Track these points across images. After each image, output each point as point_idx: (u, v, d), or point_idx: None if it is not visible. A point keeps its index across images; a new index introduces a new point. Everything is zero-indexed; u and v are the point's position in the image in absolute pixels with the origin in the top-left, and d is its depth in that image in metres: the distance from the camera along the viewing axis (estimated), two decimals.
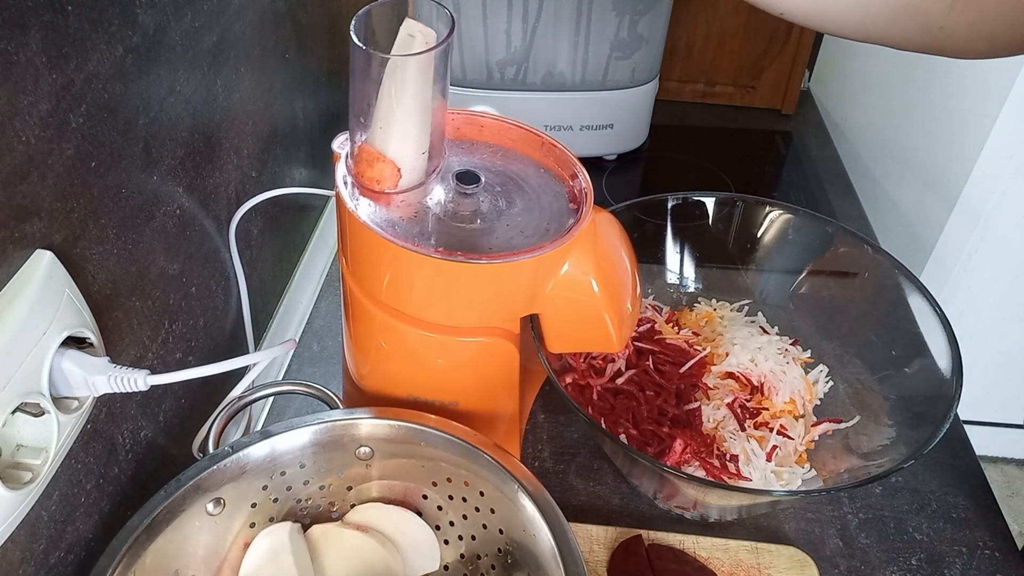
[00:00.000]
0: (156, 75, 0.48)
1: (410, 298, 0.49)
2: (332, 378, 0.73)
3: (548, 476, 0.64)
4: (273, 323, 0.75)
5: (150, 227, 0.50)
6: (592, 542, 0.58)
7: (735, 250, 0.70)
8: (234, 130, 0.62)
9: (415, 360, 0.53)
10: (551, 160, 0.54)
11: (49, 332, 0.38)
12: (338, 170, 0.50)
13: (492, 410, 0.56)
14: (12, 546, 0.39)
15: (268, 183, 0.71)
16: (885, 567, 0.59)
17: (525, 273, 0.47)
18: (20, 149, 0.36)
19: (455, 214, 0.50)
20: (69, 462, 0.43)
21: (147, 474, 0.52)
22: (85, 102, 0.41)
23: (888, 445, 0.55)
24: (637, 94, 0.96)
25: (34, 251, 0.38)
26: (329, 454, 0.49)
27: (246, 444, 0.47)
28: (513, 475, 0.45)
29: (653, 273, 0.71)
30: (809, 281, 0.68)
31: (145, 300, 0.50)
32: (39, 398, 0.38)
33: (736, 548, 0.58)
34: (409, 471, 0.50)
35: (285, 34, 0.72)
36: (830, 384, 0.65)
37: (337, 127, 0.90)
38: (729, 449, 0.59)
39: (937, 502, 0.63)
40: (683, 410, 0.61)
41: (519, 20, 0.85)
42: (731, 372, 0.64)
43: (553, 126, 0.95)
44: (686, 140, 1.11)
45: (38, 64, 0.37)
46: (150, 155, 0.49)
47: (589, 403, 0.62)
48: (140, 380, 0.42)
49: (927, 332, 0.58)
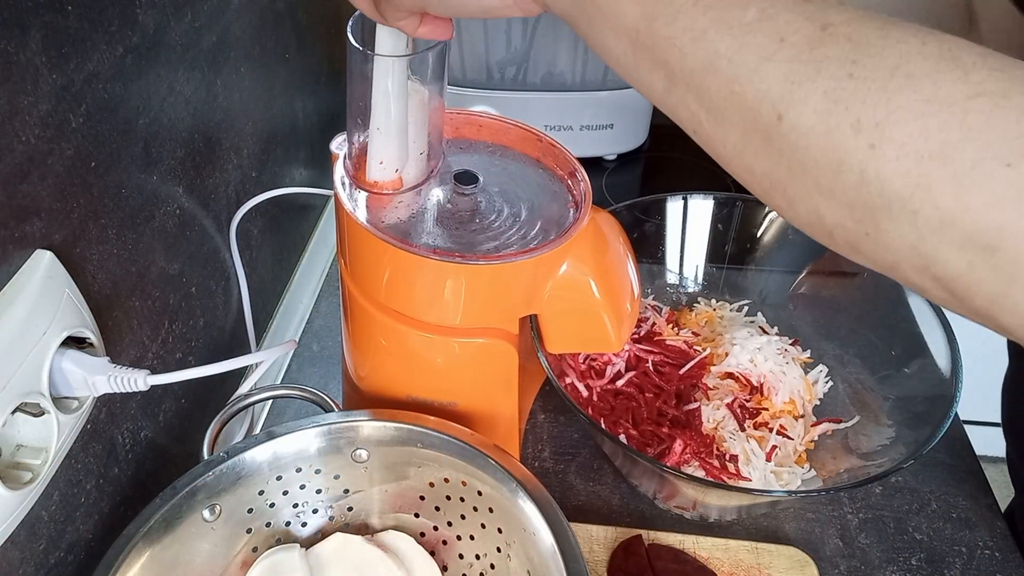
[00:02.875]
0: (156, 75, 0.49)
1: (409, 299, 0.49)
2: (332, 378, 0.73)
3: (548, 476, 0.64)
4: (273, 323, 0.75)
5: (150, 227, 0.50)
6: (592, 542, 0.58)
7: (735, 250, 0.70)
8: (234, 130, 0.62)
9: (414, 361, 0.53)
10: (550, 160, 0.54)
11: (49, 332, 0.38)
12: (336, 171, 0.50)
13: (491, 410, 0.56)
14: (12, 546, 0.39)
15: (268, 183, 0.71)
16: (885, 567, 0.58)
17: (524, 274, 0.47)
18: (20, 149, 0.36)
19: (454, 215, 0.50)
20: (69, 462, 0.43)
21: (147, 474, 0.52)
22: (85, 102, 0.41)
23: (888, 445, 0.55)
24: (637, 94, 0.95)
25: (34, 251, 0.38)
26: (326, 457, 0.49)
27: (242, 449, 0.47)
28: (512, 475, 0.45)
29: (653, 273, 0.71)
30: (809, 281, 0.68)
31: (145, 300, 0.50)
32: (39, 398, 0.38)
33: (736, 548, 0.58)
34: (406, 473, 0.50)
35: (285, 34, 0.72)
36: (830, 384, 0.64)
37: (337, 127, 0.89)
38: (729, 449, 0.59)
39: (937, 502, 0.63)
40: (683, 411, 0.61)
41: (519, 20, 0.85)
42: (731, 372, 0.64)
43: (553, 126, 0.95)
44: (686, 140, 1.09)
45: (38, 64, 0.37)
46: (150, 155, 0.49)
47: (589, 403, 0.62)
48: (140, 380, 0.42)
49: (927, 332, 0.58)
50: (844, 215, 0.28)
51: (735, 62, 0.28)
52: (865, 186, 0.26)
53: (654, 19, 0.30)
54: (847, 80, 0.26)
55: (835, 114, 0.26)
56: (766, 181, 0.30)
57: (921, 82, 0.25)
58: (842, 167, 0.27)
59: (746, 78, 0.28)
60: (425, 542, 0.51)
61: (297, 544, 0.49)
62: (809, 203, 0.29)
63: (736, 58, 0.28)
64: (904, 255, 0.27)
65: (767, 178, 0.30)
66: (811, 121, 0.27)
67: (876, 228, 0.27)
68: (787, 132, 0.28)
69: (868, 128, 0.26)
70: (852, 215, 0.28)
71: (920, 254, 0.27)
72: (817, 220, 0.29)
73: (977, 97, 0.25)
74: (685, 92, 0.31)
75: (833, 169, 0.27)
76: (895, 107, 0.25)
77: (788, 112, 0.27)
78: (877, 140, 0.26)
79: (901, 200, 0.26)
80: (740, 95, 0.28)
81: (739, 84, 0.28)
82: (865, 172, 0.26)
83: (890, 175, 0.26)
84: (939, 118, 0.25)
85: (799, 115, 0.27)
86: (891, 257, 0.28)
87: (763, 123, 0.28)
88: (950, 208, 0.25)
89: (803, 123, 0.27)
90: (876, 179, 0.26)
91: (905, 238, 0.27)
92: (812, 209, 0.29)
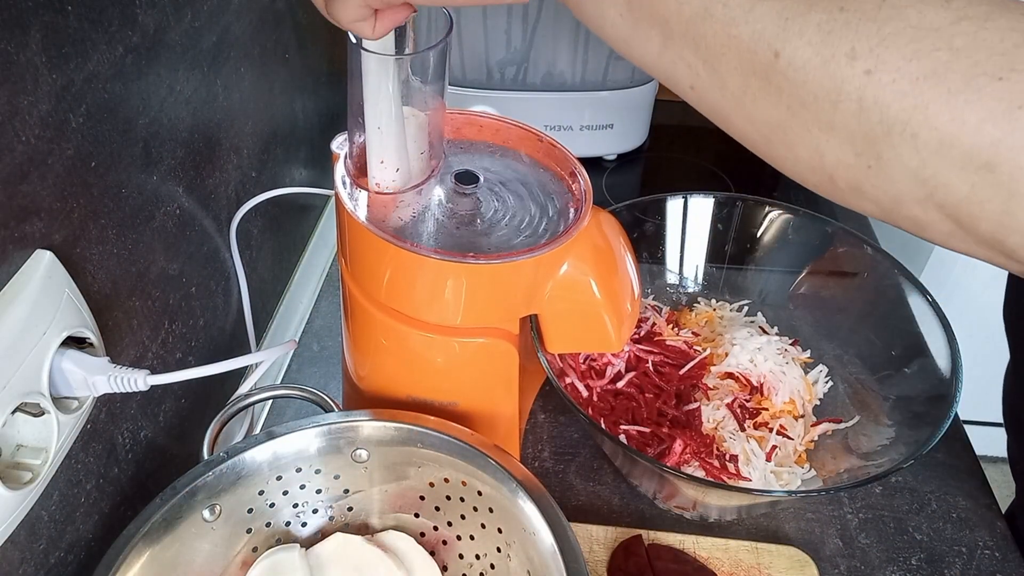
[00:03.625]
0: (156, 75, 0.48)
1: (409, 299, 0.49)
2: (332, 378, 0.73)
3: (548, 476, 0.64)
4: (273, 323, 0.75)
5: (150, 227, 0.50)
6: (592, 542, 0.58)
7: (735, 250, 0.70)
8: (234, 130, 0.62)
9: (414, 361, 0.53)
10: (550, 160, 0.54)
11: (49, 332, 0.38)
12: (337, 171, 0.50)
13: (491, 410, 0.56)
14: (12, 546, 0.39)
15: (268, 183, 0.71)
16: (885, 567, 0.59)
17: (524, 273, 0.47)
18: (20, 149, 0.36)
19: (454, 214, 0.50)
20: (69, 462, 0.43)
21: (147, 474, 0.52)
22: (85, 102, 0.41)
23: (888, 445, 0.55)
24: (637, 94, 0.96)
25: (34, 251, 0.38)
26: (326, 457, 0.49)
27: (242, 449, 0.47)
28: (512, 475, 0.45)
29: (653, 273, 0.71)
30: (809, 281, 0.68)
31: (145, 300, 0.50)
32: (39, 398, 0.38)
33: (736, 548, 0.58)
34: (406, 473, 0.50)
35: (285, 34, 0.72)
36: (830, 384, 0.64)
37: (337, 127, 0.90)
38: (729, 449, 0.59)
39: (937, 502, 0.63)
40: (682, 411, 0.61)
41: (519, 20, 0.85)
42: (731, 372, 0.64)
43: (553, 126, 0.95)
44: (686, 140, 1.11)
45: (38, 64, 0.37)
46: (150, 155, 0.49)
47: (589, 404, 0.62)
48: (140, 380, 0.42)
49: (927, 332, 0.58)
50: (845, 150, 0.28)
51: (730, 5, 0.29)
52: (864, 113, 0.27)
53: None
54: (838, 12, 0.27)
55: (830, 44, 0.27)
56: (765, 128, 0.30)
57: (906, 11, 0.26)
58: (840, 96, 0.27)
59: (742, 19, 0.29)
60: (425, 542, 0.51)
61: (297, 544, 0.49)
62: (810, 143, 0.29)
63: (731, 1, 0.29)
64: (906, 186, 0.28)
65: (766, 124, 0.30)
66: (807, 54, 0.28)
67: (878, 159, 0.28)
68: (785, 68, 0.28)
69: (863, 55, 0.27)
70: (853, 148, 0.28)
71: (923, 181, 0.27)
72: (819, 161, 0.30)
73: (960, 21, 0.26)
74: (682, 45, 0.31)
75: (832, 100, 0.28)
76: (886, 34, 0.26)
77: (784, 48, 0.28)
78: (872, 66, 0.26)
79: (900, 123, 0.26)
80: (736, 38, 0.29)
81: (735, 27, 0.29)
82: (863, 99, 0.27)
83: (887, 99, 0.26)
84: (928, 41, 0.26)
85: (795, 49, 0.28)
86: (894, 190, 0.28)
87: (761, 63, 0.29)
88: (947, 127, 0.26)
89: (799, 56, 0.28)
90: (874, 105, 0.27)
91: (907, 165, 0.27)
92: (813, 149, 0.29)
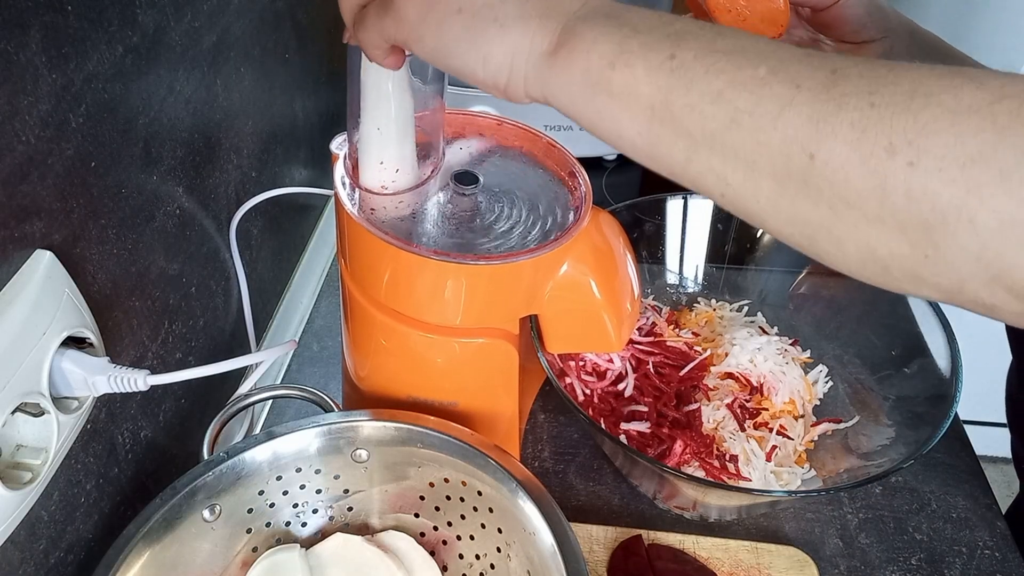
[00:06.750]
0: (156, 75, 0.49)
1: (409, 299, 0.49)
2: (332, 378, 0.73)
3: (548, 476, 0.64)
4: (273, 323, 0.75)
5: (150, 227, 0.50)
6: (592, 542, 0.58)
7: (735, 250, 0.70)
8: (234, 130, 0.62)
9: (414, 361, 0.53)
10: (550, 160, 0.54)
11: (49, 332, 0.38)
12: (336, 171, 0.50)
13: (491, 410, 0.56)
14: (12, 546, 0.39)
15: (268, 183, 0.71)
16: (885, 567, 0.59)
17: (524, 274, 0.47)
18: (20, 149, 0.36)
19: (454, 215, 0.50)
20: (69, 462, 0.43)
21: (147, 474, 0.52)
22: (85, 102, 0.41)
23: (888, 445, 0.55)
24: None
25: (34, 251, 0.38)
26: (326, 457, 0.49)
27: (242, 449, 0.47)
28: (513, 475, 0.45)
29: (653, 273, 0.71)
30: (809, 281, 0.68)
31: (145, 300, 0.50)
32: (39, 398, 0.38)
33: (736, 548, 0.58)
34: (406, 473, 0.50)
35: (285, 34, 0.72)
36: (830, 384, 0.64)
37: (337, 127, 0.90)
38: (729, 449, 0.59)
39: (937, 502, 0.63)
40: (683, 412, 0.61)
41: None
42: (731, 372, 0.64)
43: (553, 126, 0.95)
44: None
45: (38, 64, 0.37)
46: (150, 155, 0.49)
47: (589, 404, 0.62)
48: (140, 380, 0.42)
49: (927, 332, 0.58)
50: (898, 241, 0.27)
51: (756, 114, 0.28)
52: (914, 205, 0.26)
53: (669, 92, 0.30)
54: (870, 109, 0.26)
55: (866, 141, 0.26)
56: (808, 228, 0.30)
57: (940, 97, 0.25)
58: (886, 191, 0.26)
59: (770, 126, 0.28)
60: (425, 542, 0.51)
61: (297, 544, 0.49)
62: (859, 238, 0.28)
63: (757, 110, 0.28)
64: (969, 271, 0.26)
65: (808, 224, 0.29)
66: (844, 153, 0.27)
67: (935, 248, 0.26)
68: (822, 169, 0.27)
69: (902, 147, 0.26)
70: (907, 239, 0.27)
71: (986, 264, 0.26)
72: (870, 255, 0.28)
73: (1001, 100, 0.25)
74: (709, 155, 0.30)
75: (877, 196, 0.27)
76: (923, 123, 0.25)
77: (819, 149, 0.27)
78: (915, 157, 0.25)
79: (955, 210, 0.25)
80: (767, 144, 0.28)
81: (764, 133, 0.28)
82: (911, 191, 0.26)
83: (937, 188, 0.25)
84: (970, 124, 0.25)
85: (831, 150, 0.27)
86: (956, 276, 0.27)
87: (796, 166, 0.28)
88: (1005, 207, 0.24)
89: (836, 157, 0.27)
90: (923, 195, 0.26)
91: (967, 250, 0.26)
92: (863, 244, 0.28)
